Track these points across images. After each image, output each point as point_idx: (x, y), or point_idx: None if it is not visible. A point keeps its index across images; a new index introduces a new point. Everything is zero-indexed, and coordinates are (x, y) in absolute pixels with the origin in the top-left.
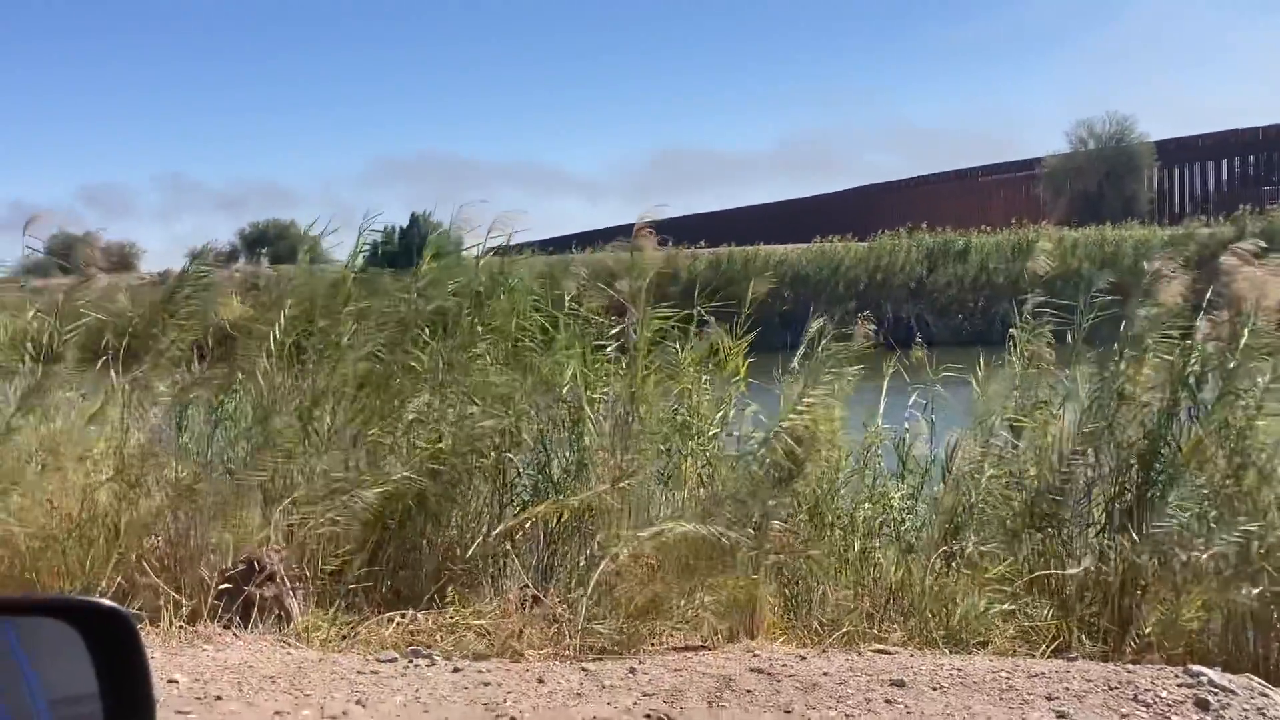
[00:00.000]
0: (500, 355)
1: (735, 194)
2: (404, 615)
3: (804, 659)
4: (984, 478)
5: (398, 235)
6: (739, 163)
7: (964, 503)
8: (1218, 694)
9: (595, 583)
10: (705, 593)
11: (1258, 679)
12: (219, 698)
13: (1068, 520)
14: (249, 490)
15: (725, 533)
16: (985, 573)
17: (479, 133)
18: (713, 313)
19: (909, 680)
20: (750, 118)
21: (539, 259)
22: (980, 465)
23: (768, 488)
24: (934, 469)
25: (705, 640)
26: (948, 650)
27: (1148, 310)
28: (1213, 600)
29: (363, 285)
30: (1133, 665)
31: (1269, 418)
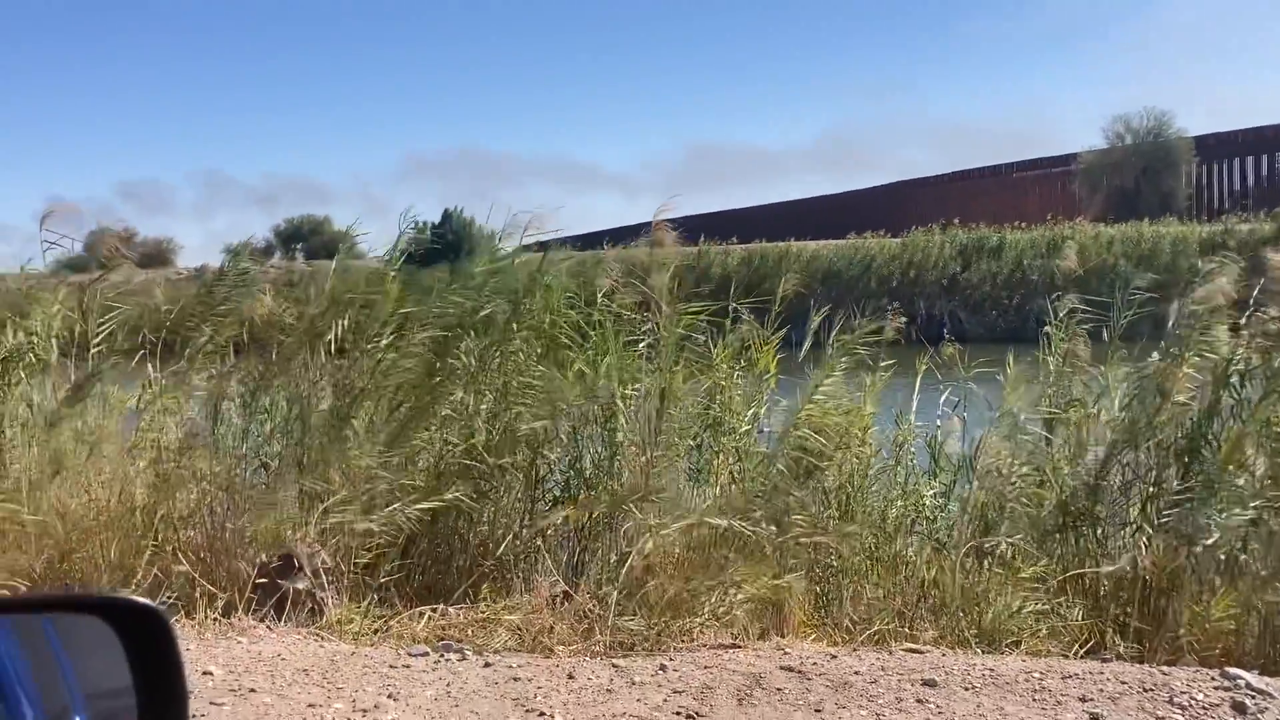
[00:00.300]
0: (535, 352)
1: (769, 190)
2: (435, 610)
3: (835, 657)
4: (1015, 475)
5: (430, 231)
6: (773, 158)
7: (996, 501)
8: (1255, 697)
9: (625, 578)
10: (734, 588)
11: None
12: (253, 690)
13: (1102, 519)
14: (286, 485)
15: (752, 528)
16: (1018, 572)
17: (513, 129)
18: (746, 309)
19: (941, 680)
20: (785, 114)
21: (572, 255)
22: (1010, 463)
23: (790, 479)
24: (966, 467)
25: (736, 638)
26: (980, 650)
27: (1189, 307)
28: (1250, 601)
29: (407, 286)
30: (1168, 667)
31: None
